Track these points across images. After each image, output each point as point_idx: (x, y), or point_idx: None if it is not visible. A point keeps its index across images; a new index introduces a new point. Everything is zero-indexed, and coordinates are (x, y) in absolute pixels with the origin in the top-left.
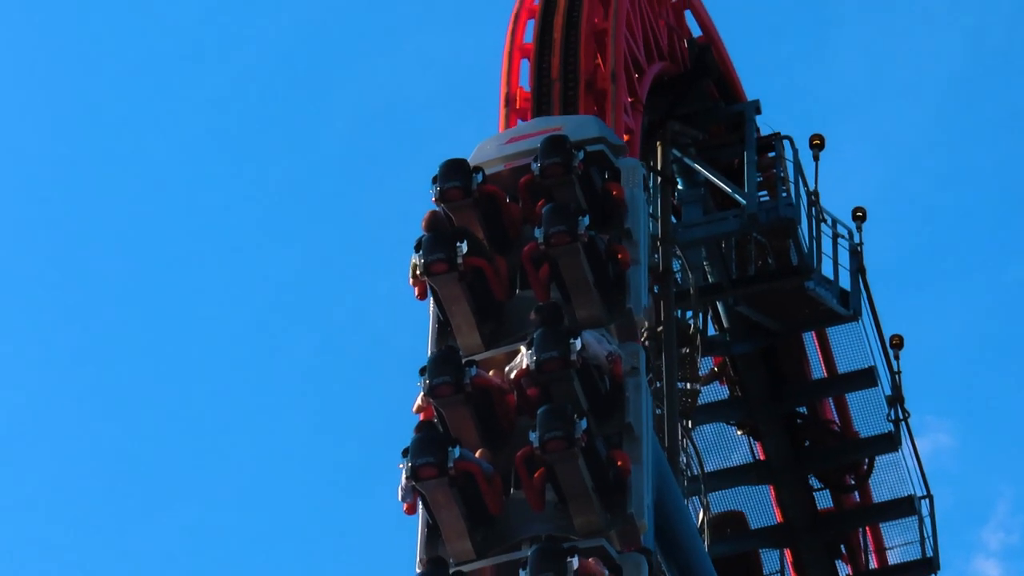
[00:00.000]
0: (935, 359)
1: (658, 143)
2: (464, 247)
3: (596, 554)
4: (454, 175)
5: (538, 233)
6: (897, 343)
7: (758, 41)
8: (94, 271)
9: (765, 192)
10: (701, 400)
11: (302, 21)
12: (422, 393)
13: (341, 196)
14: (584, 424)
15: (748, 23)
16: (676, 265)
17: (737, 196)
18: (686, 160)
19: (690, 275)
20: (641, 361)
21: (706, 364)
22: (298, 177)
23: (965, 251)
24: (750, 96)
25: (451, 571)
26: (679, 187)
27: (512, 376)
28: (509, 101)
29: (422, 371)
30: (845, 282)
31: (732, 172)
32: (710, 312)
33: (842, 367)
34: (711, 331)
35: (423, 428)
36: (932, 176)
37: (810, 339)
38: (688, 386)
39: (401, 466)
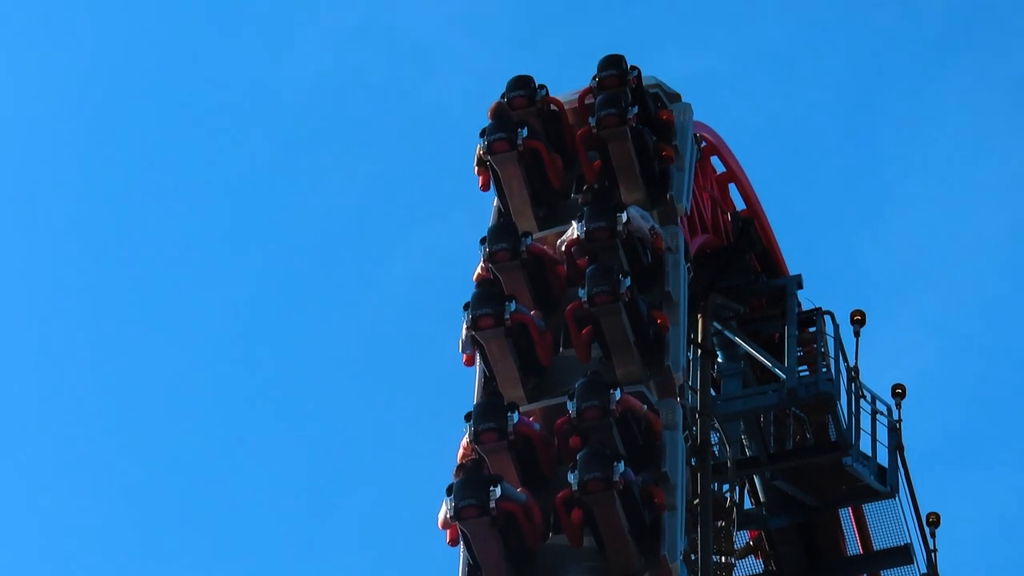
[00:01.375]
0: (977, 539)
1: (699, 315)
2: (512, 305)
3: None
4: (503, 237)
5: (582, 293)
6: (934, 521)
7: (809, 215)
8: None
9: (805, 367)
10: (736, 573)
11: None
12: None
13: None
14: (621, 467)
15: (800, 197)
16: (714, 438)
17: (777, 370)
18: (727, 333)
19: (727, 448)
20: (678, 417)
21: (742, 538)
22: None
23: (1013, 433)
24: (797, 270)
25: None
26: (719, 360)
27: (563, 247)
28: None
29: (467, 416)
30: (883, 459)
31: (773, 346)
32: (747, 485)
33: (878, 544)
34: (747, 504)
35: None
36: (981, 356)
37: (846, 515)
38: (723, 559)
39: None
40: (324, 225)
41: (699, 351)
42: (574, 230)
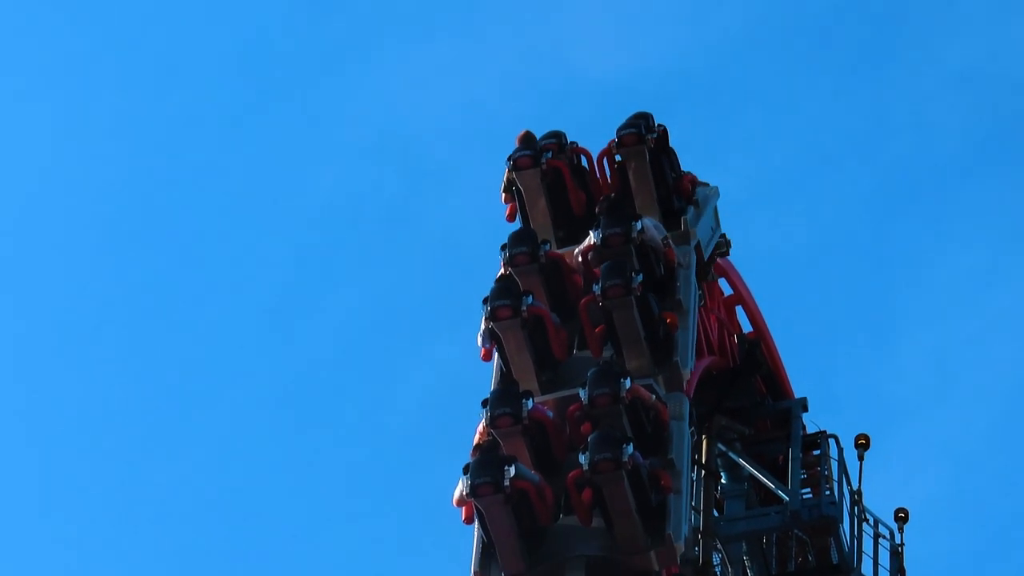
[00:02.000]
0: None
1: (704, 437)
2: (529, 299)
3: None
4: (522, 242)
5: (596, 288)
6: None
7: (819, 337)
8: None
9: (808, 489)
10: None
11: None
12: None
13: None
14: (630, 449)
15: (811, 319)
16: (716, 559)
17: (780, 492)
18: (731, 454)
19: (729, 569)
20: (685, 408)
21: None
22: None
23: (1021, 562)
24: (806, 392)
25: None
26: (723, 481)
27: (579, 257)
28: None
29: (484, 403)
30: None
31: (777, 468)
32: None
33: None
34: None
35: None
36: (990, 482)
37: None
38: None
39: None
40: (336, 340)
41: (703, 472)
42: (591, 237)
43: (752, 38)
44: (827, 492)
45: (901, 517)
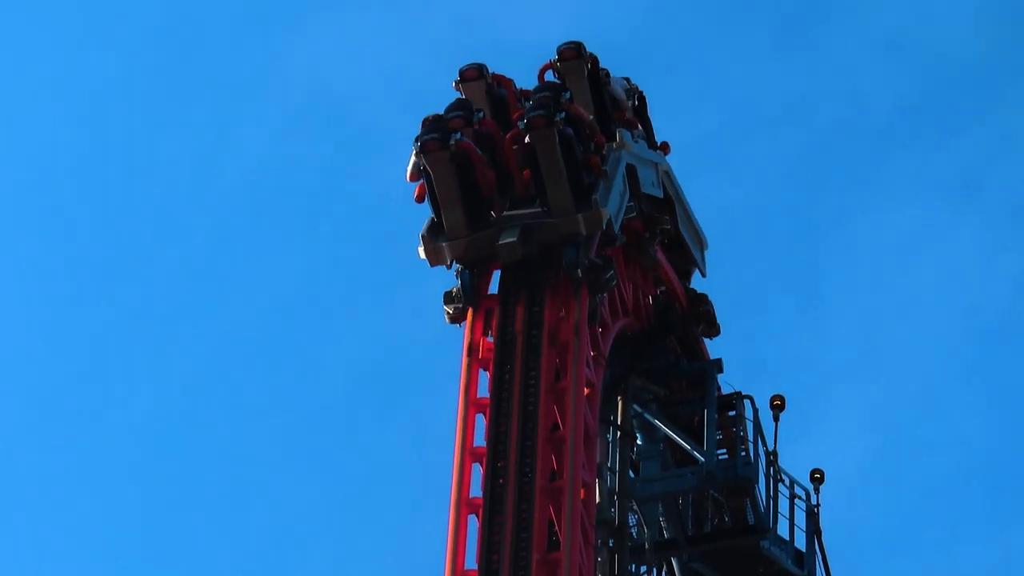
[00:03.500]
0: None
1: (619, 398)
2: (458, 135)
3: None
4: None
5: (521, 124)
6: None
7: (746, 303)
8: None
9: (724, 450)
10: None
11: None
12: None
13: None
14: (563, 116)
15: (738, 284)
16: (632, 520)
17: (696, 453)
18: (646, 416)
19: (646, 530)
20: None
21: None
22: None
23: (946, 525)
24: (732, 357)
25: None
26: (638, 442)
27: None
28: (472, 350)
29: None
30: (801, 543)
31: (692, 429)
32: (665, 568)
33: None
34: None
35: None
36: (916, 447)
37: None
38: None
39: None
40: (263, 309)
41: (618, 433)
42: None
43: (685, 2)
44: (742, 453)
45: (817, 478)
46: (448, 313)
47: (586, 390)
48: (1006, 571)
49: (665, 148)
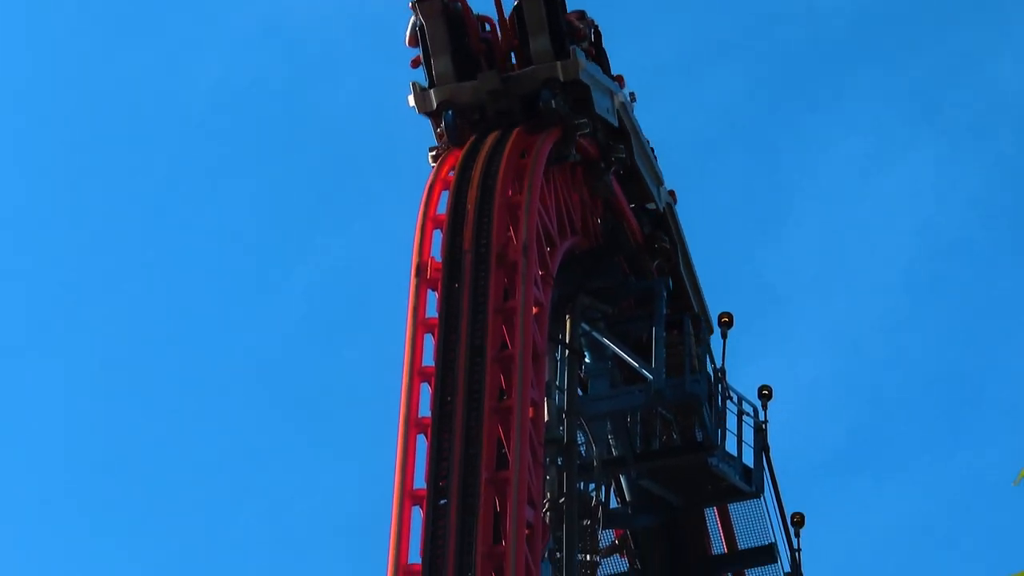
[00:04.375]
0: (878, 535)
1: (567, 316)
2: None
3: None
4: None
5: None
6: (798, 521)
7: (707, 223)
8: None
9: (672, 368)
10: (601, 572)
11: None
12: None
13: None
14: None
15: (699, 205)
16: (580, 437)
17: (644, 371)
18: (595, 334)
19: (594, 447)
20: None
21: (607, 536)
22: None
23: (908, 439)
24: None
25: None
26: (587, 360)
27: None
28: (420, 271)
29: None
30: (749, 459)
31: (641, 347)
32: (613, 485)
33: (743, 543)
34: (613, 503)
35: None
36: (877, 365)
37: (712, 514)
38: (588, 558)
39: None
40: (222, 231)
41: (567, 351)
42: None
43: None
44: (690, 371)
45: (765, 395)
46: (432, 157)
47: (534, 309)
48: (961, 487)
49: (620, 81)
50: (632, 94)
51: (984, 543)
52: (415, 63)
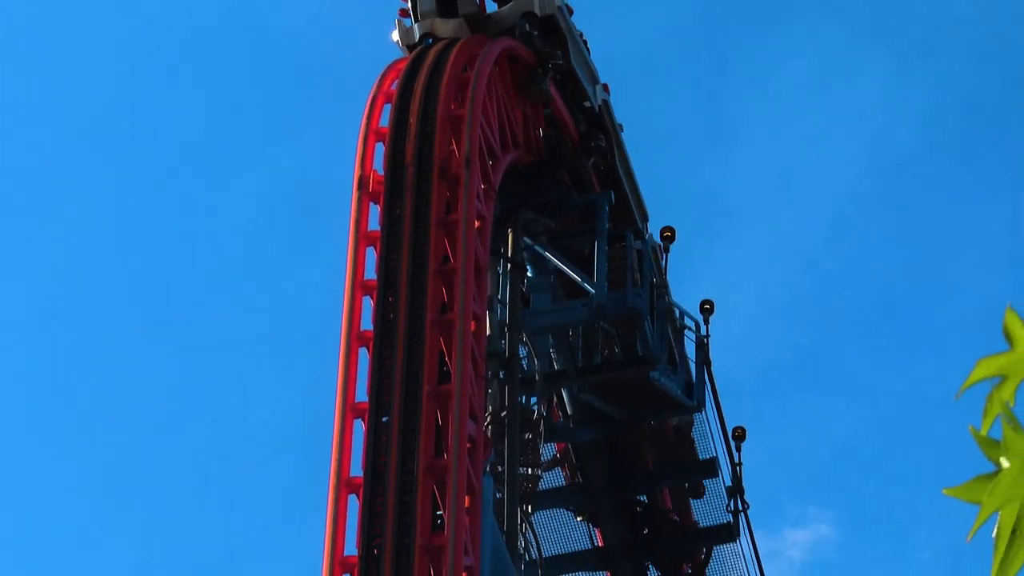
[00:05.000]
0: (824, 452)
1: (509, 230)
2: None
3: None
4: None
5: None
6: (739, 435)
7: (657, 139)
8: None
9: (615, 283)
10: (542, 486)
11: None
12: None
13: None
14: None
15: (649, 121)
16: (522, 351)
17: (586, 286)
18: (537, 248)
19: (536, 361)
20: None
21: (549, 450)
22: None
23: (856, 353)
24: (644, 193)
25: None
26: (529, 274)
27: None
28: (362, 184)
29: None
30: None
31: (583, 261)
32: (555, 399)
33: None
34: (555, 418)
35: None
36: (825, 281)
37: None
38: (529, 471)
39: None
40: (169, 145)
41: (509, 265)
42: None
43: None
44: (632, 285)
45: (707, 309)
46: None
47: (477, 223)
48: (909, 405)
49: None
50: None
51: (927, 459)
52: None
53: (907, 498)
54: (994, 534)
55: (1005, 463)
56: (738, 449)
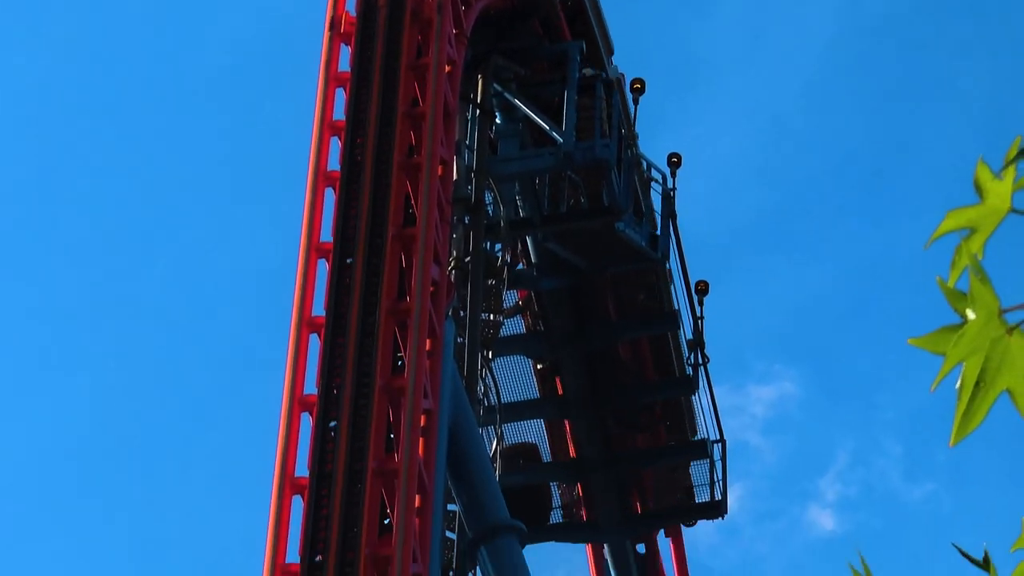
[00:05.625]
0: (791, 311)
1: (479, 76)
2: None
3: None
4: None
5: None
6: (702, 289)
7: None
8: None
9: (583, 132)
10: (503, 333)
11: None
12: None
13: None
14: None
15: None
16: (488, 198)
17: (554, 134)
18: (506, 95)
19: (502, 208)
20: None
21: (511, 298)
22: None
23: (826, 214)
24: (621, 45)
25: None
26: (497, 121)
27: None
28: (334, 25)
29: None
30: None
31: (553, 110)
32: (519, 246)
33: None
34: (519, 266)
35: None
36: (799, 140)
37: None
38: (491, 317)
39: None
40: None
41: (478, 111)
42: None
43: None
44: (601, 135)
45: (674, 162)
46: None
47: (447, 67)
48: (879, 266)
49: None
50: None
51: (894, 321)
52: None
53: (873, 359)
54: (957, 386)
55: (971, 315)
56: (700, 303)
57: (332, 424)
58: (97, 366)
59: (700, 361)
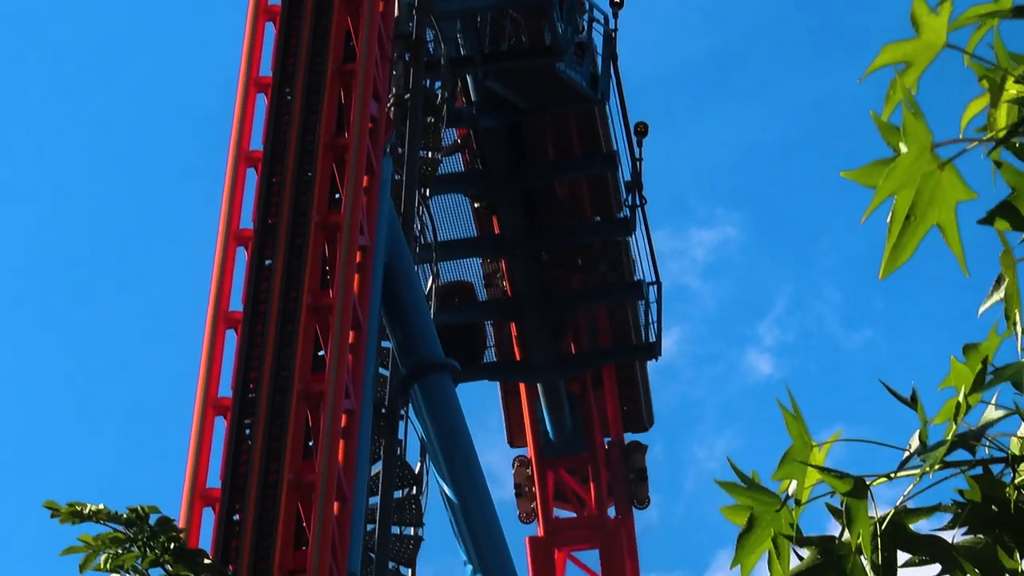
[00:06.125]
0: (734, 155)
1: None
2: None
3: None
4: None
5: None
6: (641, 130)
7: None
8: None
9: None
10: (441, 170)
11: None
12: None
13: None
14: None
15: None
16: (429, 35)
17: None
18: None
19: (443, 46)
20: None
21: (450, 136)
22: None
23: (770, 58)
24: None
25: None
26: None
27: None
28: None
29: None
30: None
31: None
32: (459, 85)
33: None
34: (459, 104)
35: None
36: None
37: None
38: (429, 155)
39: None
40: None
41: None
42: None
43: None
44: None
45: (616, 2)
46: None
47: None
48: (822, 109)
49: None
50: None
51: (837, 167)
52: None
53: (815, 205)
54: (888, 219)
55: (903, 148)
56: (639, 145)
57: (268, 262)
58: (37, 195)
59: (638, 203)
